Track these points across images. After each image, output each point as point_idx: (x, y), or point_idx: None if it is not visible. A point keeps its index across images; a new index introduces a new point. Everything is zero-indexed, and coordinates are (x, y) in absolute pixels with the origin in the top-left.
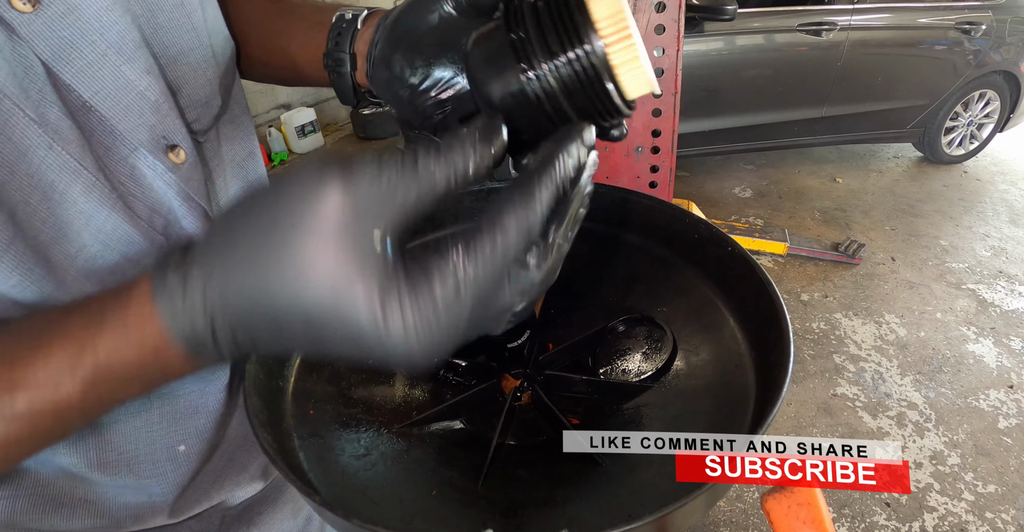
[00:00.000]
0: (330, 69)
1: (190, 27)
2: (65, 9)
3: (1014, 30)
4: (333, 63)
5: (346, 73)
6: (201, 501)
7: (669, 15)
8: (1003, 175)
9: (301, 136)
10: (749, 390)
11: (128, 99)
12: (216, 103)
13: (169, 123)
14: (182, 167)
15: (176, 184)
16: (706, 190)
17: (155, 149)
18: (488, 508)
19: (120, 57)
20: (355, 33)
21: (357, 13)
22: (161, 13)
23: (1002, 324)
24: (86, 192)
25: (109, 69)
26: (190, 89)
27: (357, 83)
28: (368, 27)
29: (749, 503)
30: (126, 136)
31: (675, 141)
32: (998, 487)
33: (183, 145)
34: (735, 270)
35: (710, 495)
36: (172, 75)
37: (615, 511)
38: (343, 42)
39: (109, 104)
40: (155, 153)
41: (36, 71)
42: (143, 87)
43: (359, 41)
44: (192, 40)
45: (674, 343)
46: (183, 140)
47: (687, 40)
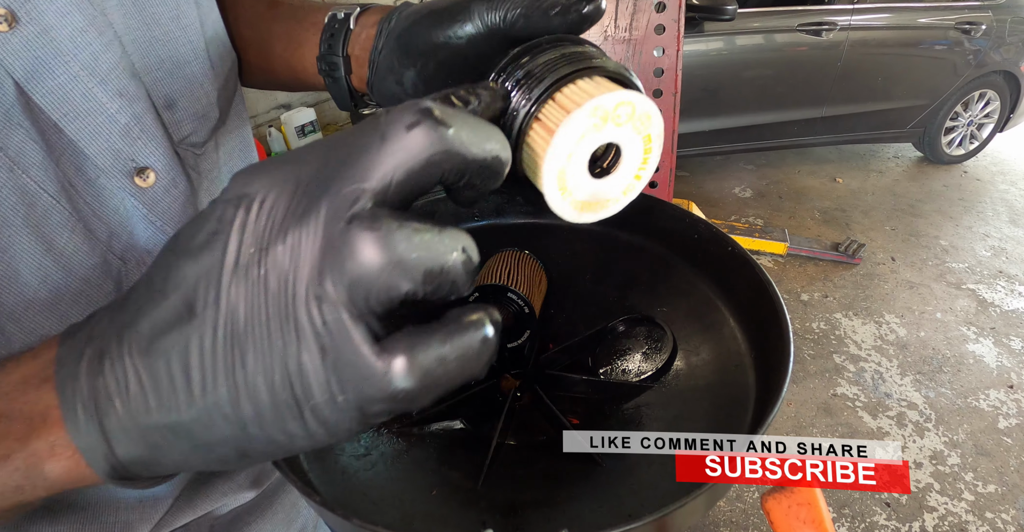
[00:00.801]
0: (324, 74)
1: (186, 40)
2: (41, 29)
3: (1014, 30)
4: (327, 67)
5: (340, 77)
6: (187, 512)
7: (669, 15)
8: (1003, 175)
9: (301, 136)
10: (749, 390)
11: (97, 122)
12: (214, 115)
13: (142, 144)
14: (148, 191)
15: (139, 208)
16: (706, 190)
17: (120, 173)
18: (488, 508)
19: (93, 78)
20: (348, 34)
21: (349, 11)
22: (157, 26)
23: (1002, 324)
24: (45, 215)
25: (80, 91)
26: (187, 102)
27: (353, 87)
28: (364, 27)
29: (749, 503)
30: (93, 159)
31: (675, 141)
32: (998, 487)
33: (156, 167)
34: (735, 270)
35: (710, 495)
36: (168, 88)
37: (615, 511)
38: (335, 44)
39: (77, 126)
40: (119, 177)
41: (6, 91)
42: (114, 110)
43: (353, 43)
44: (189, 52)
45: (674, 343)
46: (157, 161)
47: (687, 40)
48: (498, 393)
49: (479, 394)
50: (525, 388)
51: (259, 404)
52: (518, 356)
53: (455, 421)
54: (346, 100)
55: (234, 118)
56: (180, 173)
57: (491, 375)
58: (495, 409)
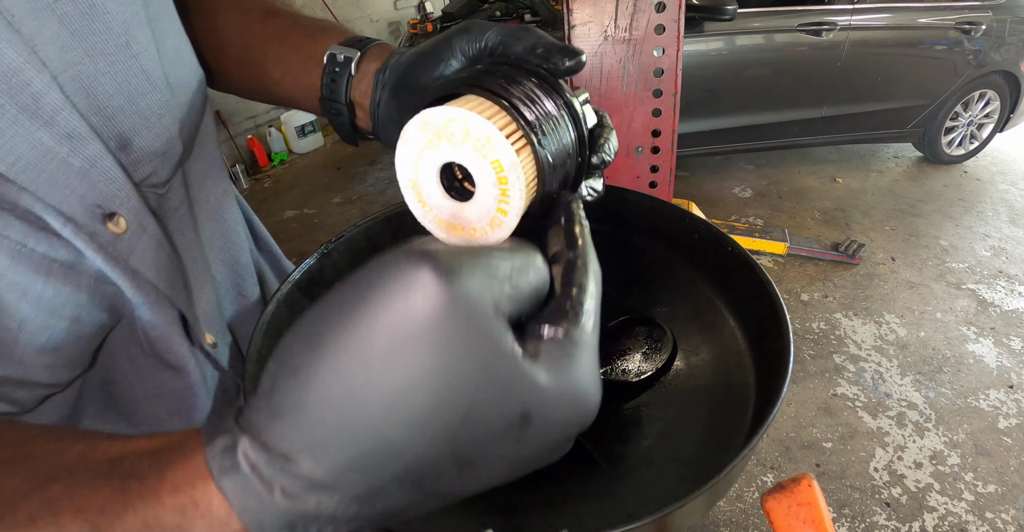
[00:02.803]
0: (328, 115)
1: (139, 70)
2: None
3: (1014, 30)
4: (330, 110)
5: (345, 122)
6: None
7: (669, 15)
8: (1003, 175)
9: (301, 136)
10: (749, 391)
11: (50, 168)
12: (176, 150)
13: (103, 188)
14: (123, 237)
15: (115, 258)
16: (706, 190)
17: (90, 220)
18: (487, 508)
19: (35, 122)
20: (350, 80)
21: (349, 56)
22: (102, 58)
23: (1002, 324)
24: (14, 262)
25: (23, 136)
26: (143, 141)
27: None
28: (364, 76)
29: (749, 503)
30: (57, 207)
31: (675, 141)
32: (998, 487)
33: (124, 211)
34: (735, 270)
35: (710, 495)
36: (120, 127)
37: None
38: (338, 90)
39: (29, 175)
40: (91, 224)
41: None
42: (64, 153)
43: (355, 89)
44: (143, 84)
45: (674, 343)
46: (124, 204)
47: (687, 40)
48: None
49: None
50: None
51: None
52: None
53: None
54: (351, 138)
55: (201, 145)
56: (148, 215)
57: None
58: None
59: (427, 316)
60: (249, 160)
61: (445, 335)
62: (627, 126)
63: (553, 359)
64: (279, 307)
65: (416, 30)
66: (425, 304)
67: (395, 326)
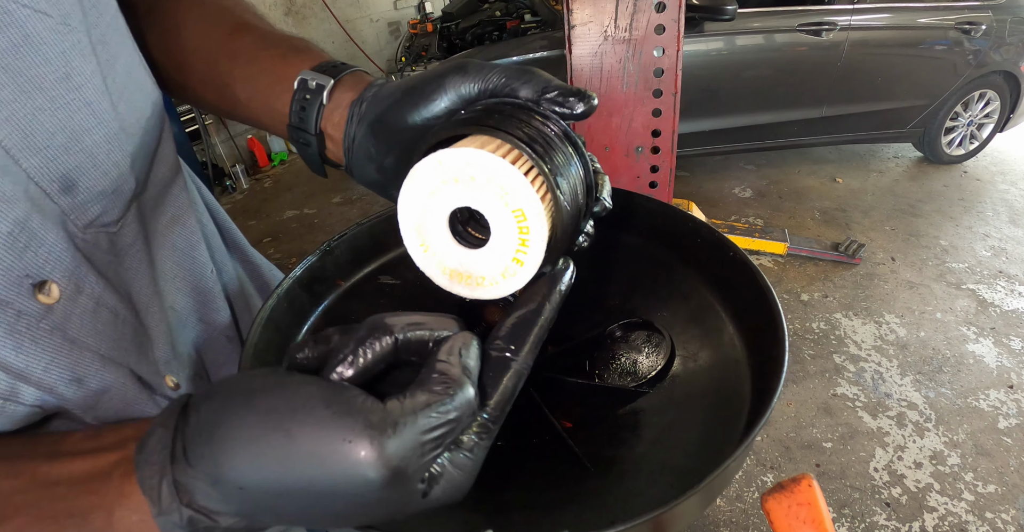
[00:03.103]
0: (295, 143)
1: (82, 103)
2: None
3: (1014, 30)
4: (298, 139)
5: (314, 152)
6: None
7: (669, 15)
8: (1003, 175)
9: None
10: (744, 397)
11: None
12: (128, 186)
13: (32, 255)
14: (55, 308)
15: (46, 337)
16: (706, 190)
17: (17, 295)
18: (475, 508)
19: None
20: (321, 109)
21: (322, 83)
22: (39, 94)
23: (1002, 324)
24: None
25: None
26: (90, 180)
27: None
28: (338, 106)
29: (749, 503)
30: None
31: (675, 141)
32: (998, 487)
33: (57, 276)
34: (736, 275)
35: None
36: (64, 168)
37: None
38: (307, 119)
39: None
40: (18, 299)
41: None
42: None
43: (326, 120)
44: (87, 118)
45: (672, 348)
46: (57, 268)
47: (687, 40)
48: None
49: None
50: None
51: None
52: None
53: None
54: (319, 169)
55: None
56: (87, 272)
57: None
58: None
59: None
60: (249, 160)
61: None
62: (627, 126)
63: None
64: (279, 302)
65: (416, 30)
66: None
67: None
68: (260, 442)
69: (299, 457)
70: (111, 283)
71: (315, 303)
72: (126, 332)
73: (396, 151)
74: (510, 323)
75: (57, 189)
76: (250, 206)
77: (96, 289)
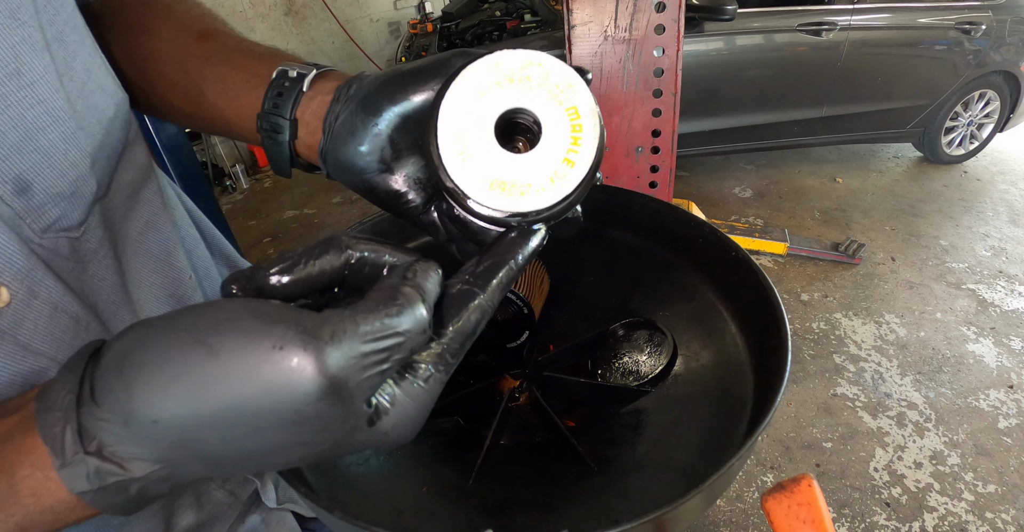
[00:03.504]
0: (263, 133)
1: (35, 100)
2: None
3: (1014, 30)
4: (268, 127)
5: (284, 141)
6: None
7: (669, 15)
8: (1003, 175)
9: None
10: (747, 397)
11: None
12: (89, 189)
13: None
14: (5, 312)
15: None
16: (706, 190)
17: None
18: (478, 506)
19: None
20: (299, 96)
21: (304, 72)
22: None
23: (1002, 324)
24: None
25: None
26: (45, 181)
27: (296, 152)
28: (319, 93)
29: (749, 503)
30: None
31: (675, 141)
32: (998, 487)
33: (8, 278)
34: (739, 275)
35: (707, 494)
36: (16, 169)
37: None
38: (283, 105)
39: None
40: None
41: None
42: None
43: (303, 107)
44: (40, 116)
45: (674, 348)
46: (7, 271)
47: (687, 40)
48: (496, 392)
49: (477, 392)
50: (523, 388)
51: None
52: (518, 356)
53: (452, 418)
54: (285, 165)
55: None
56: (43, 276)
57: (490, 374)
58: (492, 408)
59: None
60: (249, 160)
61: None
62: (627, 126)
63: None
64: None
65: (416, 30)
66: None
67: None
68: (177, 361)
69: (223, 374)
70: (72, 289)
71: None
72: (89, 339)
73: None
74: (477, 263)
75: (10, 191)
76: (250, 206)
77: (54, 295)
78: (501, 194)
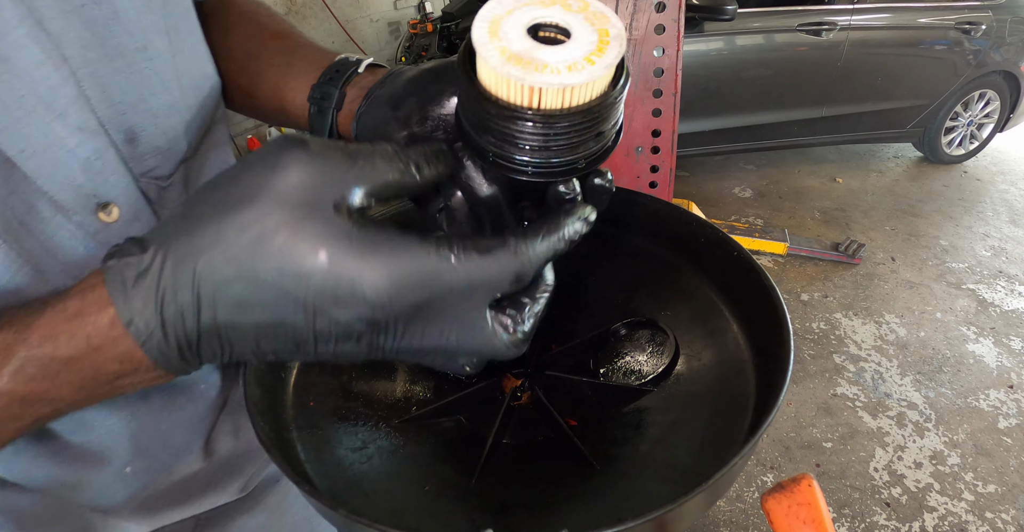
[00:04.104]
0: (313, 102)
1: (152, 72)
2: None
3: (1014, 30)
4: (319, 96)
5: (328, 109)
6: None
7: (669, 15)
8: (1003, 175)
9: None
10: (749, 397)
11: (56, 156)
12: (180, 148)
13: (103, 179)
14: (112, 226)
15: (100, 248)
16: (706, 190)
17: (82, 209)
18: (480, 505)
19: (51, 113)
20: (353, 74)
21: (362, 58)
22: (120, 59)
23: (1002, 324)
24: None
25: (38, 125)
26: (149, 136)
27: (336, 124)
28: (371, 75)
29: (749, 503)
30: (51, 195)
31: (675, 141)
32: (998, 487)
33: (119, 201)
34: (740, 275)
35: (707, 496)
36: (129, 122)
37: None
38: (337, 78)
39: (35, 162)
40: (82, 213)
41: None
42: (73, 144)
43: (355, 84)
44: (155, 85)
45: (676, 347)
46: (120, 195)
47: (687, 40)
48: (498, 392)
49: (479, 392)
50: (525, 388)
51: None
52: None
53: (454, 418)
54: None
55: (209, 145)
56: (144, 206)
57: (492, 373)
58: (494, 408)
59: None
60: None
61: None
62: (627, 126)
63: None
64: None
65: (416, 30)
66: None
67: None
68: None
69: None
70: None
71: None
72: None
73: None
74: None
75: (122, 139)
76: None
77: (150, 222)
78: (516, 65)
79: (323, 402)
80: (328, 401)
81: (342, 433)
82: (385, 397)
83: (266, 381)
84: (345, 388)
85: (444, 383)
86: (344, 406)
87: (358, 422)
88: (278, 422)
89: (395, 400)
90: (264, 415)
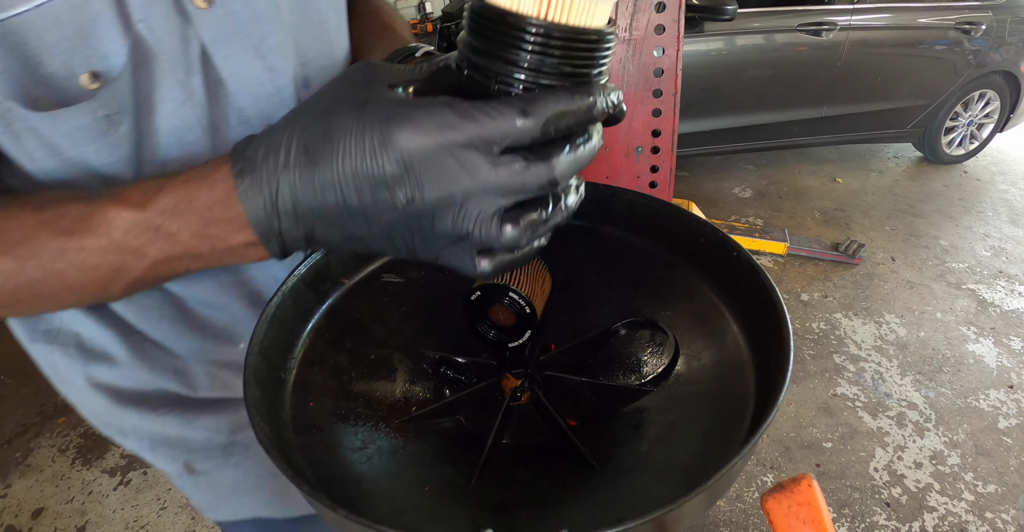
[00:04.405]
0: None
1: (326, 40)
2: (229, 11)
3: (1014, 30)
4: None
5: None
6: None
7: (669, 15)
8: (1003, 175)
9: None
10: (748, 397)
11: (250, 84)
12: None
13: (282, 109)
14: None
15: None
16: (706, 190)
17: (260, 126)
18: (480, 505)
19: (255, 52)
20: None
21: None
22: (309, 27)
23: (1002, 324)
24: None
25: (247, 61)
26: (317, 83)
27: None
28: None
29: (749, 503)
30: (245, 111)
31: (675, 141)
32: (998, 487)
33: None
34: (740, 275)
35: (707, 496)
36: (307, 71)
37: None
38: (396, 56)
39: (236, 84)
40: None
41: (194, 49)
42: (263, 79)
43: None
44: (324, 48)
45: (676, 347)
46: None
47: (687, 40)
48: (498, 392)
49: (479, 392)
50: (525, 388)
51: None
52: (519, 356)
53: (454, 418)
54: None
55: None
56: None
57: (492, 373)
58: (494, 408)
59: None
60: None
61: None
62: (627, 126)
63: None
64: (284, 299)
65: (416, 30)
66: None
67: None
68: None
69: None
70: None
71: (320, 301)
72: None
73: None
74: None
75: (301, 83)
76: None
77: None
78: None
79: (323, 402)
80: (328, 401)
81: (342, 433)
82: (385, 397)
83: (266, 381)
84: (345, 388)
85: (443, 383)
86: (344, 406)
87: (358, 422)
88: (278, 422)
89: (395, 400)
90: (264, 415)
